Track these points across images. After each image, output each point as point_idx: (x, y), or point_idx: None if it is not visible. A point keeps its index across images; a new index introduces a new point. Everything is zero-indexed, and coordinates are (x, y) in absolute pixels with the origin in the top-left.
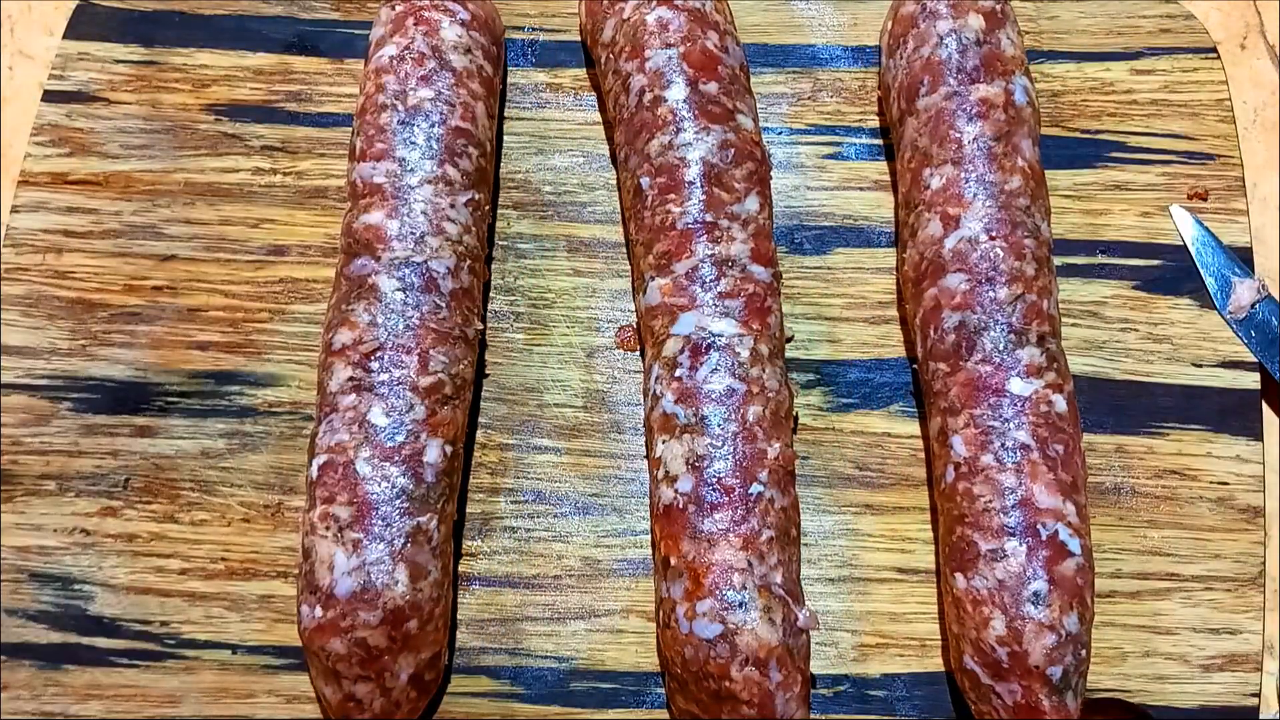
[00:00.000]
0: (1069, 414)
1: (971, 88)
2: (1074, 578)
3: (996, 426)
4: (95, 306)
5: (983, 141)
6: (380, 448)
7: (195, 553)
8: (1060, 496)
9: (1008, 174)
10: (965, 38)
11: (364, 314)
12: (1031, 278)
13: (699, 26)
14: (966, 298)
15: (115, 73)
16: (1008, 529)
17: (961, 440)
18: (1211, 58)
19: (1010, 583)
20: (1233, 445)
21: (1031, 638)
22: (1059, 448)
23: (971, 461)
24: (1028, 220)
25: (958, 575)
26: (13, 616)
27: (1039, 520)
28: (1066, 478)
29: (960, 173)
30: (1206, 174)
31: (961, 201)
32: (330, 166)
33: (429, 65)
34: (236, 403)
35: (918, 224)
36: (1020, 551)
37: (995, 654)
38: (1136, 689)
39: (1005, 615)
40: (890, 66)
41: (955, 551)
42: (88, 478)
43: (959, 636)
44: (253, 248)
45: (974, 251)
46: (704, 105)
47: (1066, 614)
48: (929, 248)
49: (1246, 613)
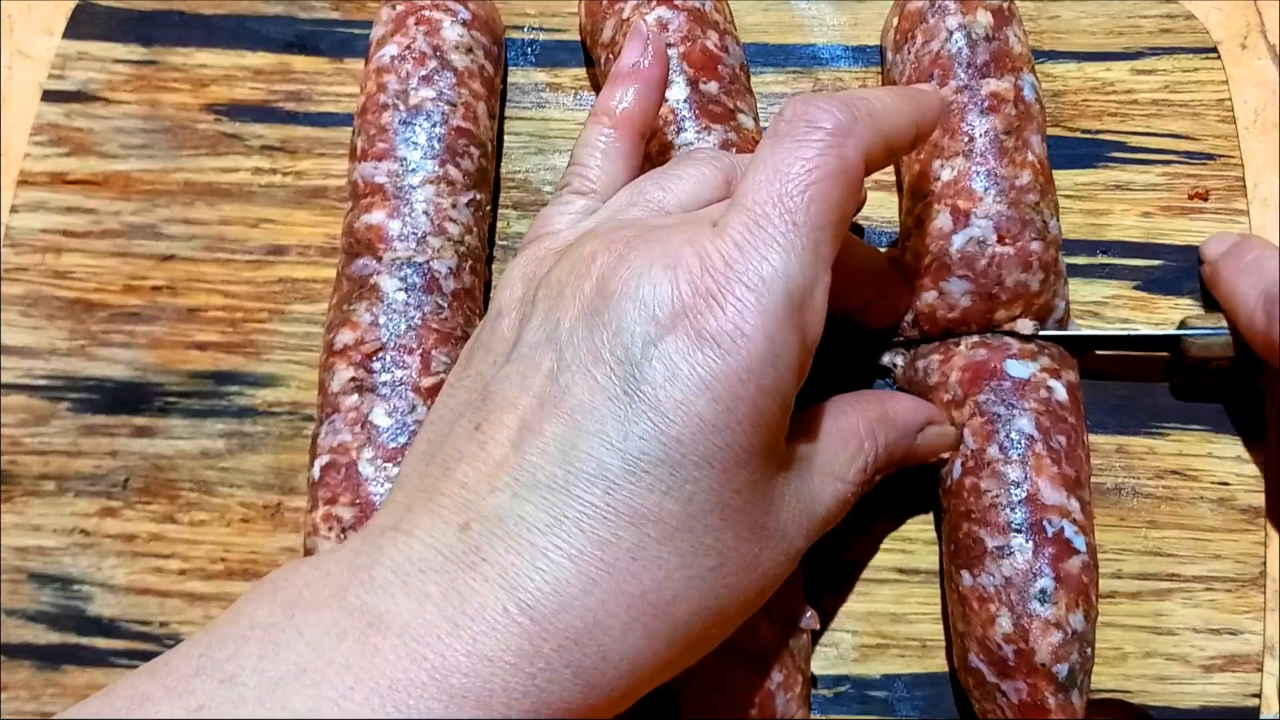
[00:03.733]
0: (1069, 403)
1: (982, 82)
2: (1079, 575)
3: (1001, 414)
4: (94, 306)
5: (993, 135)
6: (383, 448)
7: (195, 553)
8: (1065, 492)
9: (1018, 168)
10: (975, 33)
11: (366, 314)
12: (1035, 293)
13: (699, 26)
14: (965, 314)
15: (115, 72)
16: (1014, 525)
17: (969, 431)
18: (1212, 58)
19: (1017, 580)
20: (1234, 445)
21: (1038, 635)
22: (1061, 439)
23: (979, 454)
24: (1036, 218)
25: (964, 572)
26: (12, 616)
27: (1045, 517)
28: (1070, 472)
29: (971, 165)
30: (1207, 174)
31: (972, 195)
32: (330, 166)
33: (430, 65)
34: (236, 403)
35: (925, 215)
36: (1027, 548)
37: (1002, 651)
38: (1137, 689)
39: (1012, 612)
40: (897, 62)
41: (962, 548)
42: (87, 478)
43: (964, 634)
44: (252, 247)
45: (981, 257)
46: (705, 105)
47: (1072, 611)
48: (936, 241)
49: (1247, 613)
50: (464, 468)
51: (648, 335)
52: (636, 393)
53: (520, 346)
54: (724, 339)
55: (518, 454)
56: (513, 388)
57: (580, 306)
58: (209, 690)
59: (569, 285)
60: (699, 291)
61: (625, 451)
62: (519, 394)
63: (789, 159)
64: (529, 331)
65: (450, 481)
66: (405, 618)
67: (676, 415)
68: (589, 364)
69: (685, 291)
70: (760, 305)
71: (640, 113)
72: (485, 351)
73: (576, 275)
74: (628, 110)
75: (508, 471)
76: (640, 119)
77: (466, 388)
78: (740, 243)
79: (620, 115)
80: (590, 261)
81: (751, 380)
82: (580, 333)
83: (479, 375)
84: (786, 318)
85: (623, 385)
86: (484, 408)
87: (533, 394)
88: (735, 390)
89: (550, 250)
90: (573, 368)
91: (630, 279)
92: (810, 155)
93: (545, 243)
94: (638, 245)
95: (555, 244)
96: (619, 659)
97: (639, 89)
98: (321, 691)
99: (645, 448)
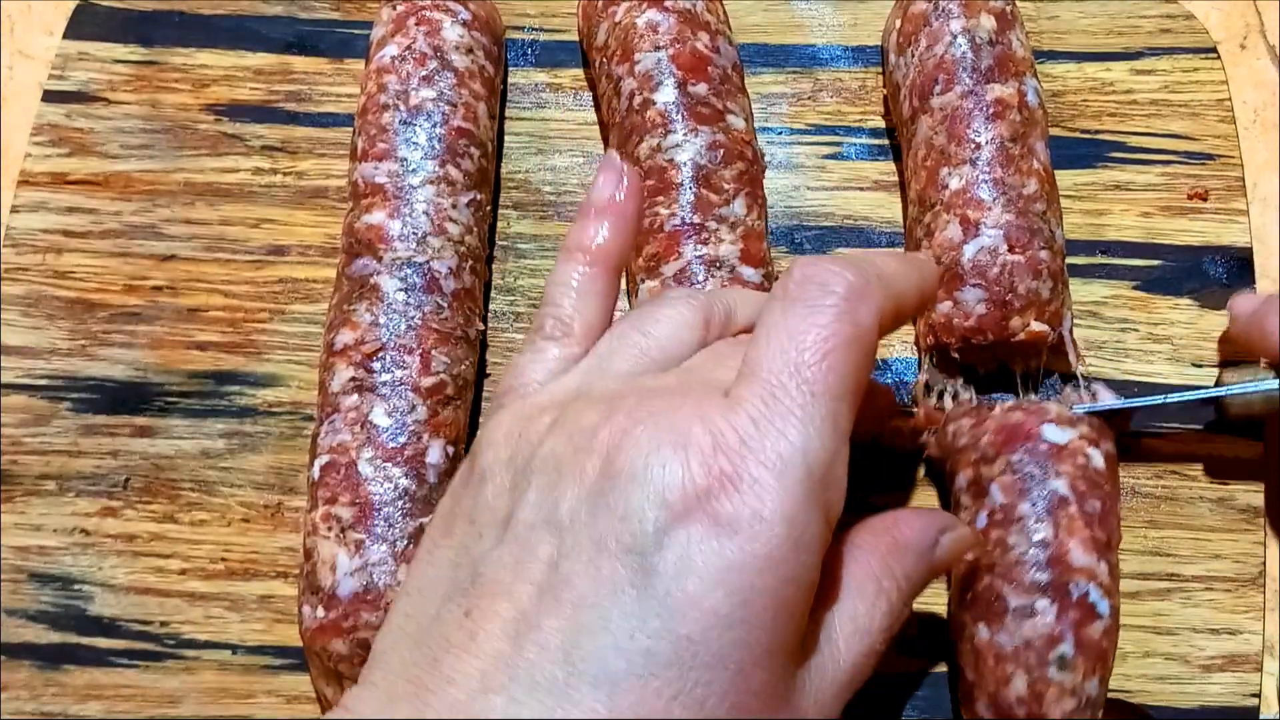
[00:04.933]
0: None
1: (987, 87)
2: (1100, 640)
3: (1035, 474)
4: (95, 306)
5: (1000, 142)
6: (382, 448)
7: (195, 553)
8: (1095, 555)
9: (1025, 176)
10: (979, 37)
11: (366, 314)
12: (1046, 301)
13: (689, 28)
14: (981, 322)
15: (115, 73)
16: (1039, 585)
17: (999, 487)
18: (1211, 58)
19: (1037, 643)
20: (1233, 445)
21: (1052, 701)
22: (1096, 504)
23: (1008, 509)
24: (1044, 227)
25: (981, 625)
26: (12, 616)
27: (1072, 579)
28: (1102, 536)
29: (978, 174)
30: (1206, 174)
31: (980, 205)
32: (330, 166)
33: (431, 65)
34: (236, 403)
35: (935, 224)
36: (1050, 611)
37: (1013, 711)
38: (1136, 689)
39: (1029, 675)
40: (900, 65)
41: (981, 601)
42: (87, 478)
43: (974, 684)
44: (253, 248)
45: (994, 266)
46: (693, 107)
47: (1089, 678)
48: (947, 252)
49: (1246, 613)
50: (452, 660)
51: (658, 522)
52: (645, 586)
53: (514, 526)
54: (741, 525)
55: (515, 650)
56: (506, 572)
57: (583, 487)
58: None
59: (567, 461)
60: (712, 473)
61: (631, 652)
62: (514, 580)
63: (803, 325)
64: (523, 509)
65: (437, 675)
66: None
67: (688, 611)
68: (592, 553)
69: (698, 473)
70: (780, 486)
71: (616, 250)
72: (469, 522)
73: (576, 450)
74: (603, 248)
75: (503, 671)
76: (616, 256)
77: (451, 561)
78: (756, 417)
79: (596, 252)
80: (591, 435)
81: (770, 569)
82: (583, 516)
83: (464, 550)
84: (807, 497)
85: (630, 578)
86: (473, 592)
87: (530, 582)
88: (753, 581)
89: (537, 408)
90: (574, 556)
91: (638, 459)
92: (825, 321)
93: (531, 399)
94: (643, 420)
95: (542, 401)
96: None
97: (613, 224)
98: None
99: (653, 647)
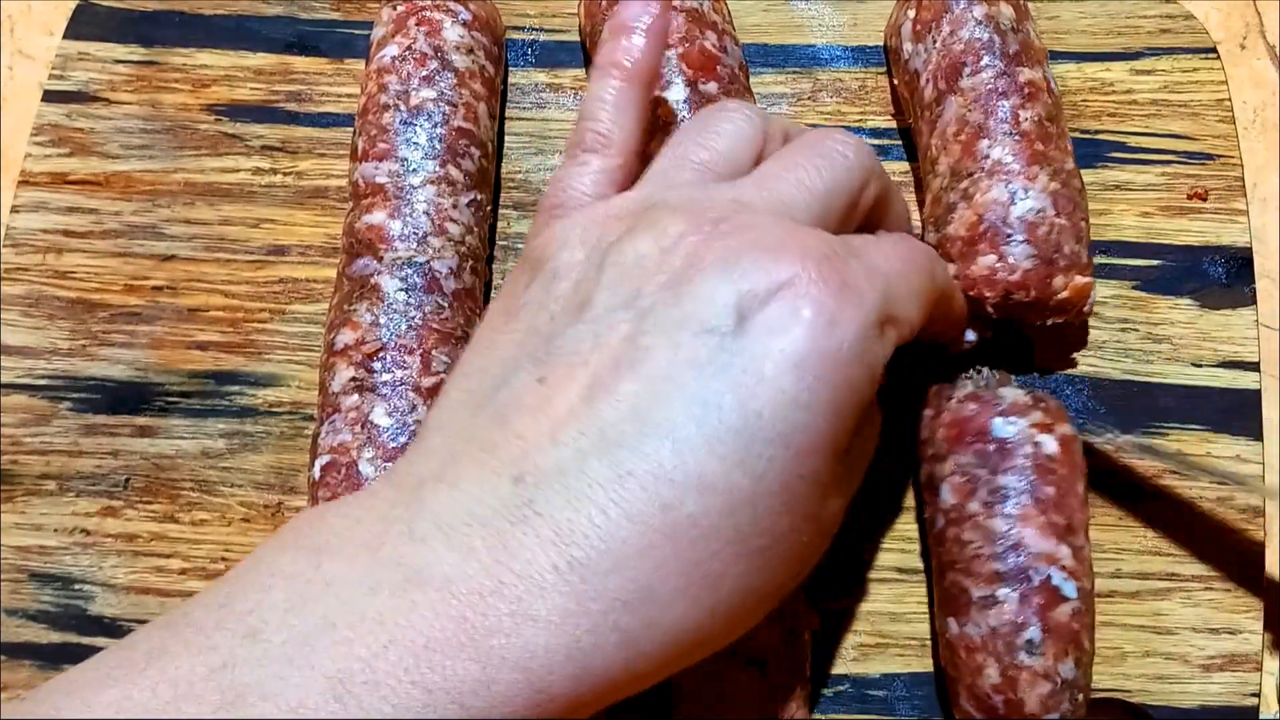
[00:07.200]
0: (1061, 455)
1: (1018, 69)
2: (1069, 623)
3: (982, 475)
4: (95, 306)
5: (1039, 119)
6: (383, 448)
7: (195, 553)
8: (1054, 539)
9: (1065, 155)
10: (1003, 24)
11: (366, 314)
12: (1085, 265)
13: (697, 26)
14: (1026, 277)
15: (115, 73)
16: (998, 575)
17: (949, 488)
18: (1211, 58)
19: (1004, 630)
20: (1233, 445)
21: (1026, 686)
22: (1050, 490)
23: (959, 508)
24: (1082, 203)
25: (950, 620)
26: (13, 616)
27: (1032, 565)
28: (1060, 520)
29: (1021, 146)
30: (1206, 174)
31: (1027, 173)
32: (330, 166)
33: (431, 65)
34: (236, 403)
35: (974, 190)
36: (1013, 598)
37: (991, 700)
38: (1136, 689)
39: (999, 663)
40: (920, 51)
41: (948, 597)
42: (88, 478)
43: (955, 679)
44: (253, 248)
45: (1042, 225)
46: (704, 105)
47: (1062, 660)
48: (992, 209)
49: (1246, 613)
50: (524, 419)
51: (740, 308)
52: (723, 363)
53: (592, 308)
54: (820, 326)
55: (588, 408)
56: (585, 344)
57: (667, 276)
58: (232, 646)
59: (651, 257)
60: (797, 272)
61: (703, 419)
62: (592, 351)
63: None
64: (601, 294)
65: (505, 431)
66: (446, 573)
67: (761, 390)
68: (672, 330)
69: (785, 270)
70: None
71: (648, 65)
72: (539, 308)
73: (661, 250)
74: (636, 63)
75: (574, 424)
76: (648, 71)
77: (517, 342)
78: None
79: (628, 68)
80: (679, 238)
81: (838, 369)
82: (667, 300)
83: (534, 331)
84: (874, 327)
85: (709, 355)
86: (549, 362)
87: (608, 354)
88: (824, 374)
89: (608, 215)
90: (654, 333)
91: (729, 255)
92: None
93: (598, 208)
94: (731, 233)
95: (612, 209)
96: (664, 628)
97: (645, 40)
98: (353, 649)
99: (724, 417)
